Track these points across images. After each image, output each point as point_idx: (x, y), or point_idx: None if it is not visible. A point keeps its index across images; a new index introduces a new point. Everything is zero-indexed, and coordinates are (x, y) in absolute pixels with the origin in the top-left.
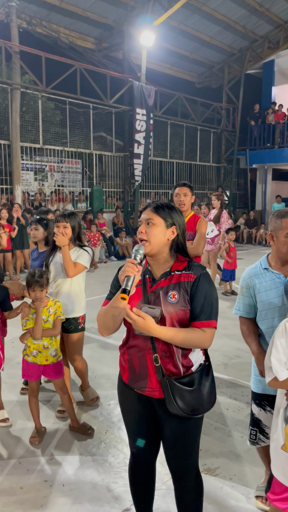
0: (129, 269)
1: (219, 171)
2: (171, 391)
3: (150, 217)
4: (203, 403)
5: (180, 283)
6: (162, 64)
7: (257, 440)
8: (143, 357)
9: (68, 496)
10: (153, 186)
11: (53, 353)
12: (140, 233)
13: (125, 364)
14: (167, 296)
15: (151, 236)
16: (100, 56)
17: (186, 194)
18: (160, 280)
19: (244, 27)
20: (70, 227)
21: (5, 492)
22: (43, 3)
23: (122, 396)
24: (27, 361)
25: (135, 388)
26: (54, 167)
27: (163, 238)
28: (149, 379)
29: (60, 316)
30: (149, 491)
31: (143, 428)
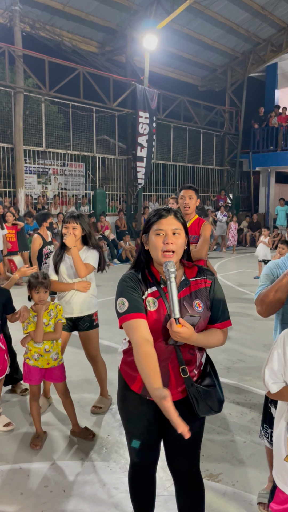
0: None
1: (222, 174)
2: (203, 397)
3: (176, 227)
4: (222, 397)
5: (200, 290)
6: (165, 67)
7: None
8: (164, 367)
9: (68, 502)
10: (156, 189)
11: (54, 357)
12: (170, 245)
13: (137, 373)
14: (193, 306)
15: (179, 247)
16: (103, 60)
17: (191, 197)
18: (180, 291)
19: (247, 30)
20: (80, 228)
21: (5, 498)
22: (47, 7)
23: (126, 405)
24: (29, 365)
25: (148, 396)
26: (57, 170)
27: (184, 247)
28: (170, 387)
29: (61, 319)
30: (150, 499)
31: (149, 434)
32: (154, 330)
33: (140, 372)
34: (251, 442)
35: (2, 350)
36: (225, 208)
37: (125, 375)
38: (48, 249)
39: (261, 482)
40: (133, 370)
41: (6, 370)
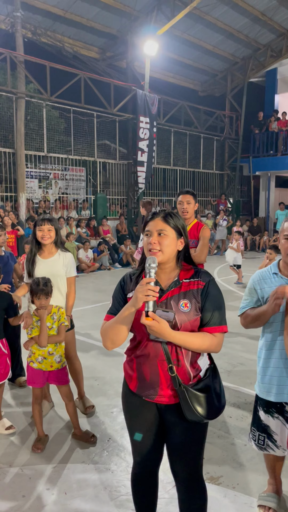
0: (151, 292)
1: (223, 178)
2: (189, 399)
3: (162, 228)
4: (217, 407)
5: (190, 291)
6: (165, 72)
7: (265, 446)
8: (154, 366)
9: (70, 504)
10: (157, 194)
11: (58, 359)
12: (153, 244)
13: (133, 372)
14: (179, 305)
15: (164, 247)
16: (104, 65)
17: (189, 202)
18: (169, 290)
19: (247, 36)
20: (54, 230)
21: (7, 501)
22: (48, 14)
23: (127, 404)
24: (32, 368)
25: (143, 396)
26: (58, 175)
27: (174, 248)
28: (160, 387)
29: (64, 322)
30: (152, 500)
31: (149, 435)
32: (138, 324)
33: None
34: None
35: (4, 354)
36: (225, 212)
37: (125, 373)
38: None
39: (261, 485)
40: (130, 369)
41: (8, 374)
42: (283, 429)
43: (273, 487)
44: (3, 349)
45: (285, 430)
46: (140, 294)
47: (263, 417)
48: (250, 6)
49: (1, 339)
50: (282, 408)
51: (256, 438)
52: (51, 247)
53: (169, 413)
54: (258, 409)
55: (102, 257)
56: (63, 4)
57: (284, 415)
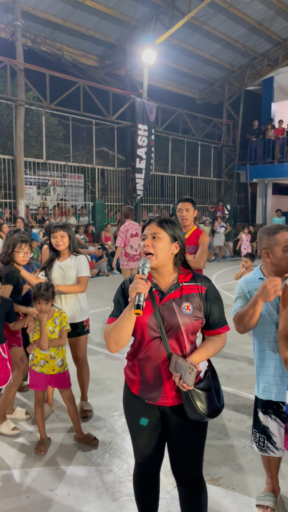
0: (140, 285)
1: (220, 185)
2: (192, 398)
3: (156, 231)
4: (217, 406)
5: (191, 295)
6: (163, 81)
7: (265, 448)
8: (157, 368)
9: (73, 505)
10: (155, 200)
11: (60, 363)
12: (147, 247)
13: (135, 376)
14: (181, 307)
15: (157, 250)
16: (103, 73)
17: (188, 209)
18: (170, 293)
19: (244, 45)
20: (67, 236)
21: (11, 501)
22: (48, 22)
23: (129, 407)
24: (35, 371)
25: (146, 399)
26: (57, 182)
27: (168, 252)
28: (163, 389)
29: (66, 326)
30: (154, 501)
31: (151, 438)
32: (138, 327)
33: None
34: (250, 447)
35: (4, 359)
36: (222, 219)
37: (126, 378)
38: None
39: (260, 486)
40: (132, 373)
41: (8, 379)
42: (280, 430)
43: (271, 487)
44: (3, 354)
45: (283, 431)
46: (132, 287)
47: (262, 418)
48: (247, 16)
49: (1, 344)
50: (278, 408)
51: (257, 439)
52: (65, 252)
53: (172, 415)
54: (257, 411)
55: (100, 263)
56: (62, 13)
57: (281, 416)
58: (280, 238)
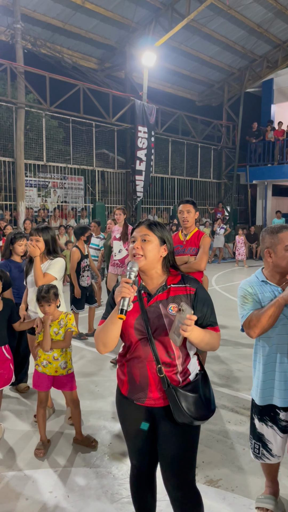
0: (125, 290)
1: (220, 187)
2: (178, 400)
3: (145, 233)
4: (206, 409)
5: (178, 296)
6: (163, 83)
7: (261, 455)
8: (143, 368)
9: (72, 507)
10: (155, 202)
11: (63, 365)
12: (136, 249)
13: (124, 376)
14: (167, 308)
15: (147, 251)
16: (103, 76)
17: (189, 211)
18: (157, 294)
19: (243, 47)
20: (43, 240)
21: (11, 503)
22: (48, 25)
23: (121, 408)
24: (38, 371)
25: (134, 400)
26: (57, 184)
27: (157, 254)
28: (150, 389)
29: (70, 328)
30: (151, 501)
31: (142, 439)
32: (126, 328)
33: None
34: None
35: (7, 359)
36: (222, 220)
37: (117, 378)
38: (85, 263)
39: (260, 488)
40: (122, 373)
41: (11, 379)
42: (276, 438)
43: (270, 489)
44: (6, 355)
45: (279, 438)
46: (117, 291)
47: (257, 425)
48: (247, 18)
49: (4, 345)
50: (275, 415)
51: (252, 446)
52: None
53: (160, 416)
54: (253, 417)
55: None
56: (62, 16)
57: (278, 424)
58: (283, 237)
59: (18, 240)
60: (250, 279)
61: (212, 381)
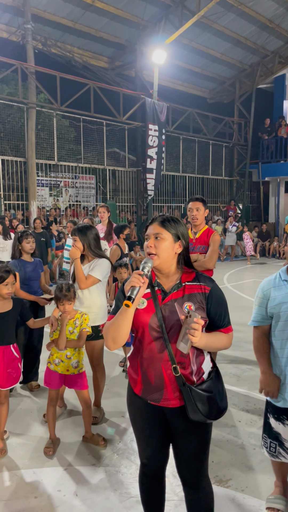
0: (135, 279)
1: (232, 184)
2: (193, 399)
3: (158, 232)
4: (219, 408)
5: (194, 295)
6: (174, 80)
7: (277, 454)
8: (158, 369)
9: (81, 506)
10: (166, 200)
11: (75, 365)
12: (149, 247)
13: (138, 376)
14: (183, 307)
15: (160, 250)
16: (113, 74)
17: (198, 208)
18: (172, 292)
19: (254, 43)
20: (79, 240)
21: (20, 501)
22: (58, 25)
23: (132, 408)
24: (49, 369)
25: (149, 400)
26: (69, 183)
27: (171, 251)
28: (166, 390)
29: (85, 328)
30: (160, 501)
31: (154, 438)
32: (139, 326)
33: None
34: (260, 449)
35: (16, 358)
36: (234, 218)
37: (130, 377)
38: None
39: (271, 488)
40: (135, 373)
41: (19, 378)
42: None
43: (280, 489)
44: (15, 354)
45: None
46: (127, 282)
47: (273, 424)
48: (258, 13)
49: (12, 344)
50: None
51: (267, 445)
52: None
53: (175, 416)
54: (268, 416)
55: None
56: (72, 15)
57: None
58: None
59: (25, 238)
60: (271, 278)
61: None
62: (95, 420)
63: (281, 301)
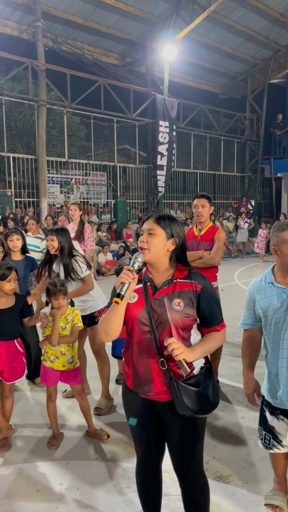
0: (125, 276)
1: (244, 180)
2: (179, 393)
3: (151, 228)
4: (208, 403)
5: (184, 292)
6: (185, 76)
7: (271, 446)
8: (146, 362)
9: (82, 499)
10: (177, 197)
11: (70, 360)
12: (142, 242)
13: (129, 369)
14: (172, 303)
15: (151, 246)
16: (124, 71)
17: (204, 205)
18: (163, 288)
19: (266, 38)
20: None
21: (22, 494)
22: (68, 22)
23: (126, 401)
24: (45, 366)
25: (140, 393)
26: (80, 180)
27: (163, 248)
28: (154, 383)
29: (77, 323)
30: (156, 494)
31: (147, 432)
32: (129, 320)
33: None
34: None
35: (20, 353)
36: (246, 214)
37: (123, 371)
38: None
39: (270, 484)
40: (127, 366)
41: (24, 372)
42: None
43: (279, 486)
44: (19, 348)
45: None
46: (118, 278)
47: (269, 418)
48: (269, 7)
49: (17, 339)
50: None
51: (262, 437)
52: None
53: (165, 410)
54: (264, 409)
55: (122, 261)
56: (83, 12)
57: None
58: (287, 236)
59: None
60: (258, 280)
61: (228, 376)
62: (98, 411)
63: (267, 304)
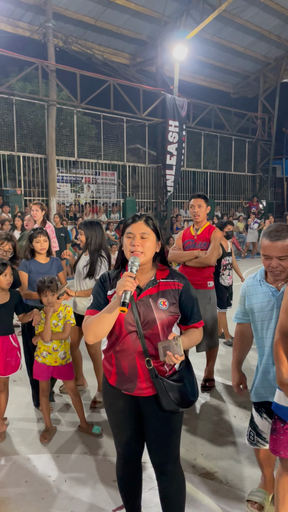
0: (129, 284)
1: (255, 180)
2: (165, 390)
3: (144, 231)
4: (191, 396)
5: (168, 291)
6: (196, 76)
7: (255, 442)
8: (132, 360)
9: (68, 491)
10: (186, 196)
11: (62, 356)
12: (136, 246)
13: (112, 367)
14: (157, 303)
15: (146, 249)
16: (134, 71)
17: (200, 205)
18: (148, 289)
19: (278, 37)
20: (84, 235)
21: (11, 485)
22: (79, 23)
23: (107, 398)
24: (38, 362)
25: (123, 390)
26: (90, 179)
27: (154, 250)
28: (138, 380)
29: (69, 320)
30: (136, 488)
31: (128, 427)
32: (116, 321)
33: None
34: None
35: (15, 348)
36: (257, 214)
37: (104, 369)
38: (227, 260)
39: (256, 482)
40: (109, 364)
41: (19, 366)
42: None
43: (263, 483)
44: (13, 343)
45: None
46: (120, 284)
47: (254, 415)
48: (281, 6)
49: (11, 334)
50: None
51: (248, 433)
52: None
53: (147, 404)
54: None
55: None
56: (93, 12)
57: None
58: (262, 245)
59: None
60: (252, 276)
61: (223, 375)
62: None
63: (255, 301)
